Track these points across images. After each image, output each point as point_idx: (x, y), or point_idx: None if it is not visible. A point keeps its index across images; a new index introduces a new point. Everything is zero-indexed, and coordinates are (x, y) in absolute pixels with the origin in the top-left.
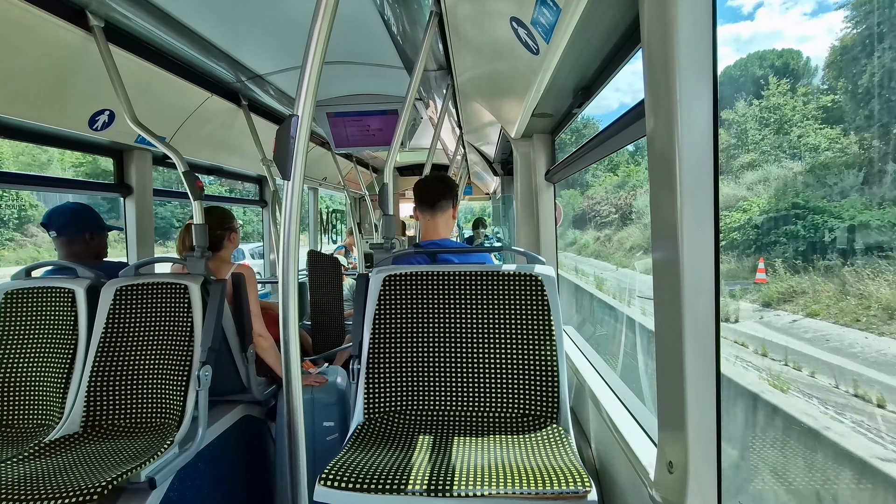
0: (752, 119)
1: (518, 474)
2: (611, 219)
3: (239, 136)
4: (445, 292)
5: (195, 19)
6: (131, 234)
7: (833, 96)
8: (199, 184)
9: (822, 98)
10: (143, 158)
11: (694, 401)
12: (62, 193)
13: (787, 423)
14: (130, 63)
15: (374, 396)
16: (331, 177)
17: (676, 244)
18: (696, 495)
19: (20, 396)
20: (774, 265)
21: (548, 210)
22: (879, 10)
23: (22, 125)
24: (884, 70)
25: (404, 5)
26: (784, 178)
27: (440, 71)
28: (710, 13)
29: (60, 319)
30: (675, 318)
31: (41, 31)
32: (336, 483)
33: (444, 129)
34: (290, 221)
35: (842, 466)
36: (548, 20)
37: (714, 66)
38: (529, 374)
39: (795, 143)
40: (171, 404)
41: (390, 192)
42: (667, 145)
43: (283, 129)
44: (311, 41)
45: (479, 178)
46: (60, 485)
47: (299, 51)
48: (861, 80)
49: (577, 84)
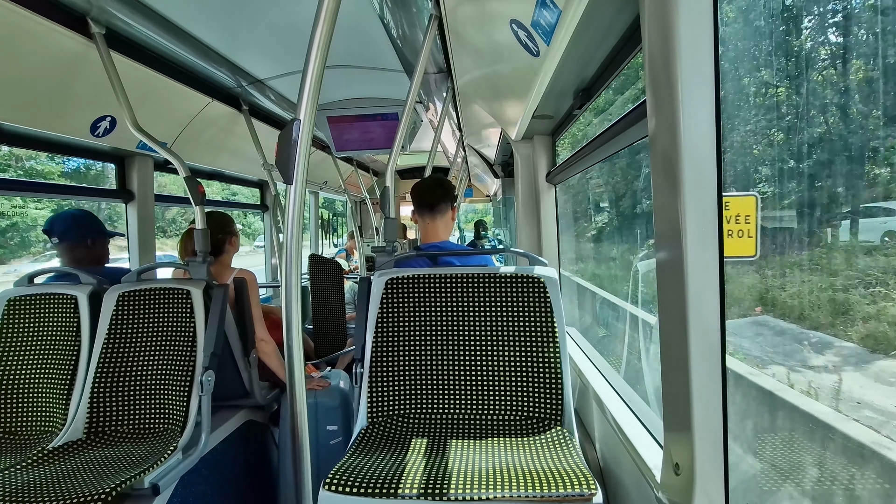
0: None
1: (523, 477)
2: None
3: (240, 141)
4: (448, 295)
5: (196, 25)
6: (133, 239)
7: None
8: (200, 189)
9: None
10: (145, 164)
11: (700, 401)
12: (64, 200)
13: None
14: (131, 69)
15: (377, 400)
16: (331, 180)
17: (680, 245)
18: (704, 497)
19: (23, 403)
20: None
21: (549, 212)
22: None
23: (24, 132)
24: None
25: (404, 9)
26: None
27: (440, 74)
28: (712, 13)
29: (63, 326)
30: (680, 319)
31: (43, 39)
32: (340, 488)
33: (444, 131)
34: (293, 225)
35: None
36: (548, 22)
37: (716, 66)
38: (533, 377)
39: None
40: (174, 410)
41: (391, 195)
42: (669, 146)
43: (284, 134)
44: (312, 45)
45: (480, 181)
46: (64, 491)
47: (299, 55)
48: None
49: (578, 85)
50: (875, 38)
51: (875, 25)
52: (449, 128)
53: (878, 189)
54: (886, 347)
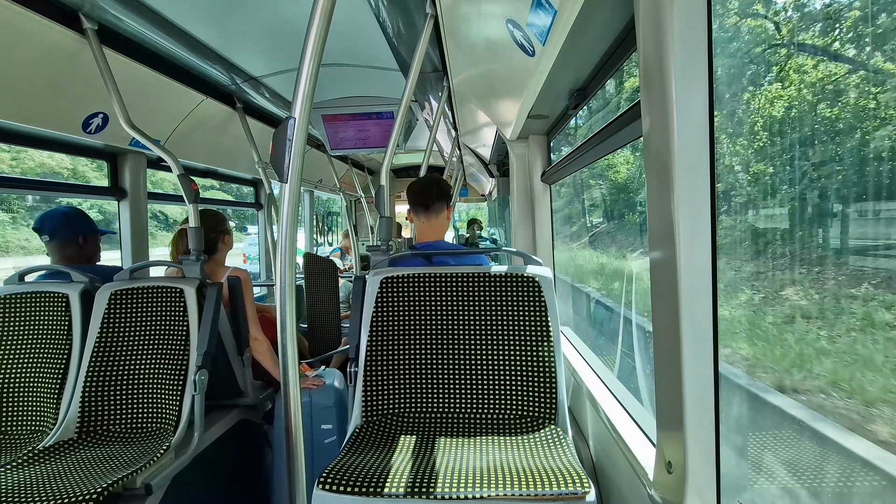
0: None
1: (517, 475)
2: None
3: (234, 139)
4: (443, 294)
5: (189, 22)
6: (125, 237)
7: None
8: (194, 187)
9: None
10: (138, 162)
11: (692, 400)
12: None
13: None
14: (124, 66)
15: (371, 399)
16: (326, 179)
17: (674, 244)
18: (695, 494)
19: (14, 402)
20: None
21: (544, 211)
22: None
23: (15, 128)
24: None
25: (400, 7)
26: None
27: (436, 73)
28: (706, 14)
29: (54, 324)
30: (673, 318)
31: (34, 34)
32: (334, 486)
33: (439, 130)
34: (287, 224)
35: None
36: (543, 22)
37: (710, 67)
38: (527, 375)
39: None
40: (166, 409)
41: (386, 193)
42: (663, 146)
43: (279, 132)
44: (307, 43)
45: (475, 180)
46: (55, 492)
47: (294, 53)
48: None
49: (573, 85)
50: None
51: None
52: (444, 127)
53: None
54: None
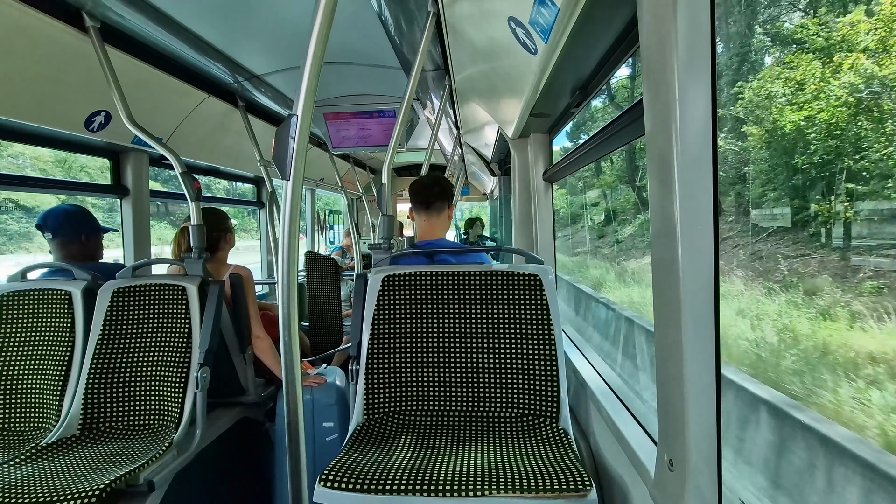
0: None
1: (518, 474)
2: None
3: (236, 137)
4: (444, 292)
5: (192, 19)
6: (128, 235)
7: None
8: (196, 185)
9: None
10: (140, 160)
11: (694, 399)
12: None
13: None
14: (127, 64)
15: (373, 397)
16: (328, 177)
17: (675, 243)
18: (696, 493)
19: (17, 399)
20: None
21: (546, 210)
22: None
23: (18, 126)
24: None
25: (402, 5)
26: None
27: (437, 71)
28: (709, 12)
29: (57, 321)
30: (675, 316)
31: (36, 32)
32: (336, 484)
33: (441, 129)
34: (289, 222)
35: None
36: (546, 20)
37: (713, 66)
38: (528, 374)
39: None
40: (169, 407)
41: (388, 192)
42: (665, 145)
43: (282, 130)
44: (309, 41)
45: (477, 179)
46: (58, 488)
47: (296, 51)
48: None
49: (575, 83)
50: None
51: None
52: (446, 125)
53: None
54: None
